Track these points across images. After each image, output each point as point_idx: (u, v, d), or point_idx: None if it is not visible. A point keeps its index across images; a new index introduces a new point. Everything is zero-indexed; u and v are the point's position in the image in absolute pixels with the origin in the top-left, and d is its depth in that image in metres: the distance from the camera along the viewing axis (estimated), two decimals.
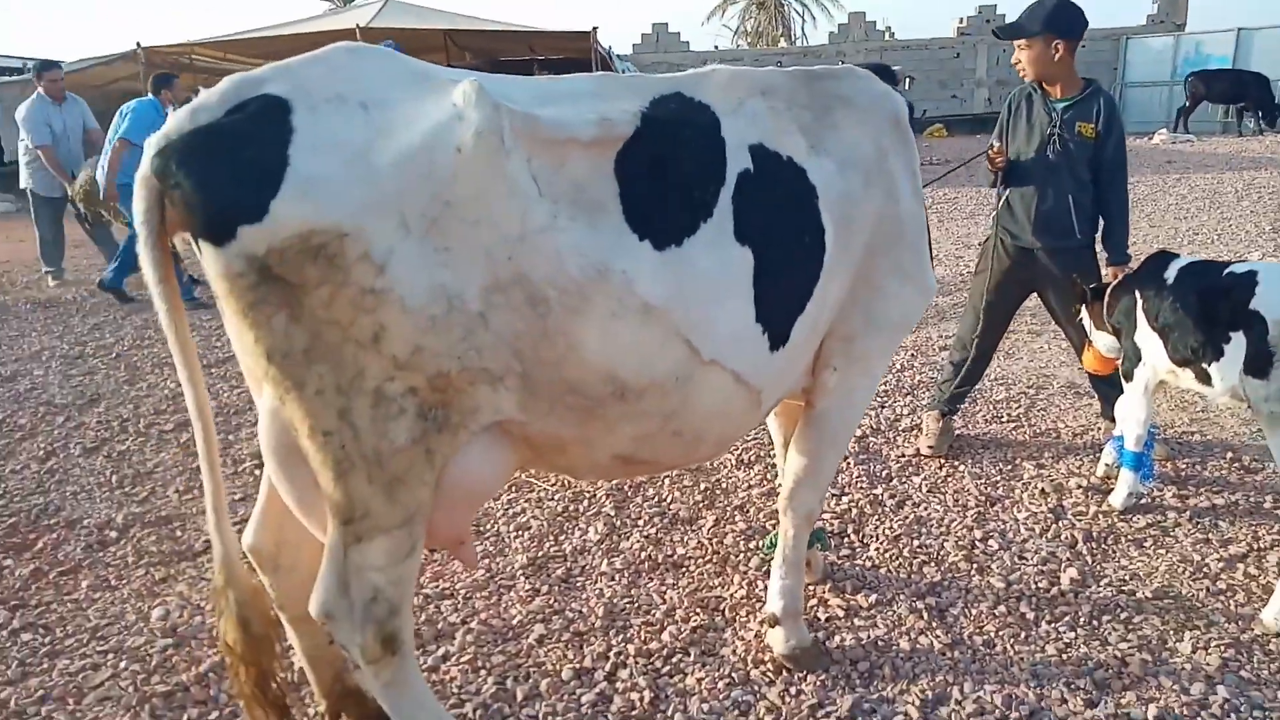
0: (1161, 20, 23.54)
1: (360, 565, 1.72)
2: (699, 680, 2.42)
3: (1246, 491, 3.39)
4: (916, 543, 3.14)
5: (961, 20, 24.79)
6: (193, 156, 1.51)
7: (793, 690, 2.37)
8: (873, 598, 2.80)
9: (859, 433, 4.13)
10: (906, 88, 3.05)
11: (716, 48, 30.12)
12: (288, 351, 1.58)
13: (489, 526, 3.31)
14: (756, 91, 2.11)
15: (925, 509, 3.40)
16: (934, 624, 2.66)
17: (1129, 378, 3.14)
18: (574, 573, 2.99)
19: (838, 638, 2.61)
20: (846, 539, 3.20)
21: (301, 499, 1.80)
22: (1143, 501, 3.33)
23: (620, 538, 3.21)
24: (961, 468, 3.74)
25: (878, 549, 3.11)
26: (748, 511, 3.40)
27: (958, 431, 4.08)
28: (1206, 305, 2.71)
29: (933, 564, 3.00)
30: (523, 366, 1.71)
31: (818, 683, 2.40)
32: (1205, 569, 2.89)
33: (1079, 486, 3.50)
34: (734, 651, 2.55)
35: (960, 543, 3.12)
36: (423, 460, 1.68)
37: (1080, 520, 3.25)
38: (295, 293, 1.54)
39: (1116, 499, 3.29)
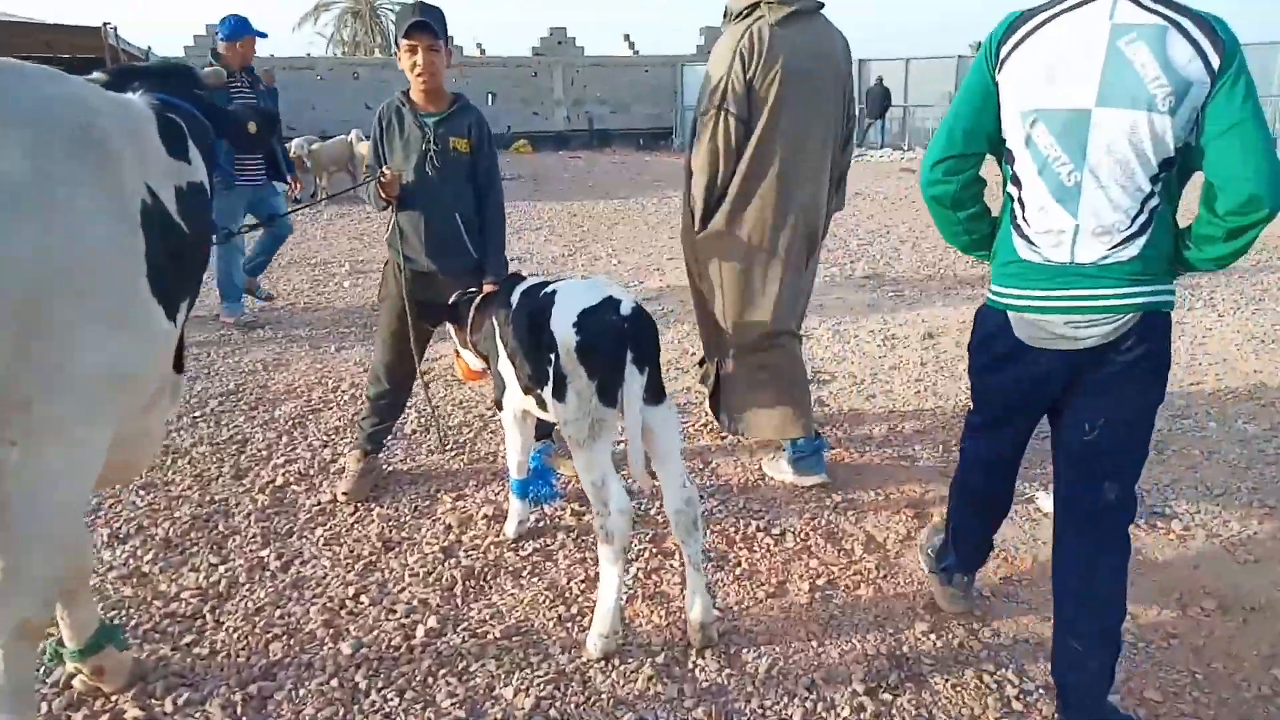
0: (708, 51, 26.31)
1: None
2: None
3: (639, 500, 3.45)
4: (279, 612, 2.76)
5: (539, 41, 25.77)
6: None
7: None
8: (184, 697, 2.35)
9: (278, 480, 3.70)
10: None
11: (309, 55, 28.31)
12: None
13: None
14: None
15: (313, 567, 3.04)
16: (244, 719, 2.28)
17: (499, 406, 3.04)
18: None
19: None
20: (200, 620, 2.73)
21: None
22: (541, 524, 3.28)
23: None
24: (376, 510, 3.44)
25: (230, 629, 2.67)
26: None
27: (392, 468, 3.81)
28: (532, 329, 2.62)
29: (285, 638, 2.63)
30: None
31: None
32: (567, 593, 2.84)
33: (486, 516, 3.36)
34: None
35: (329, 605, 2.80)
36: None
37: (471, 555, 3.09)
38: None
39: (508, 528, 3.19)
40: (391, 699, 2.36)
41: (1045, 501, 3.34)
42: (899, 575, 2.92)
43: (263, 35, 6.13)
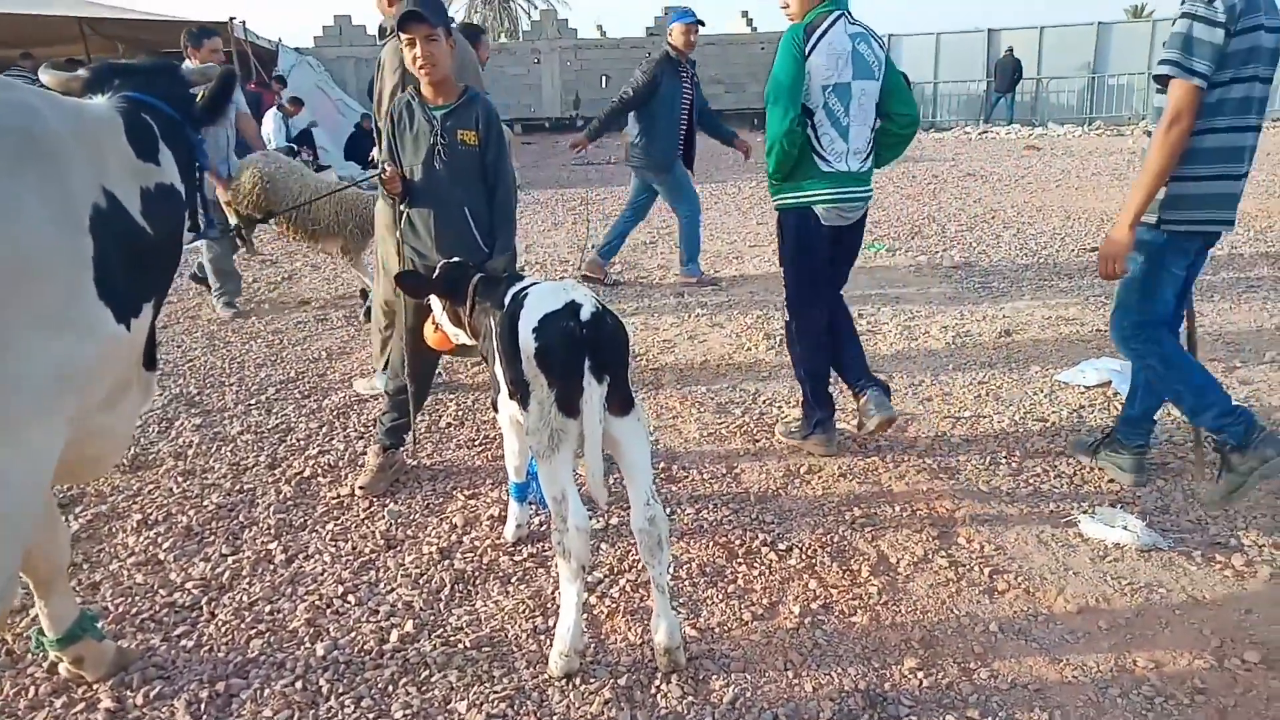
0: None
1: None
2: None
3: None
4: (269, 608, 2.81)
5: (654, 21, 25.57)
6: None
7: None
8: (157, 690, 2.42)
9: (306, 471, 3.78)
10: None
11: None
12: None
13: None
14: None
15: (315, 562, 3.08)
16: (206, 718, 2.32)
17: (495, 407, 2.98)
18: None
19: None
20: (195, 612, 2.81)
21: None
22: (543, 527, 3.22)
23: None
24: (390, 505, 3.47)
25: (220, 623, 2.74)
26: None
27: (418, 462, 3.84)
28: (510, 332, 2.55)
29: (268, 635, 2.67)
30: None
31: None
32: (549, 603, 2.77)
33: (493, 516, 3.33)
34: None
35: (317, 603, 2.82)
36: None
37: (466, 558, 3.06)
38: None
39: (507, 531, 3.15)
40: (348, 706, 2.35)
41: (1089, 526, 3.04)
42: (902, 603, 2.71)
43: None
